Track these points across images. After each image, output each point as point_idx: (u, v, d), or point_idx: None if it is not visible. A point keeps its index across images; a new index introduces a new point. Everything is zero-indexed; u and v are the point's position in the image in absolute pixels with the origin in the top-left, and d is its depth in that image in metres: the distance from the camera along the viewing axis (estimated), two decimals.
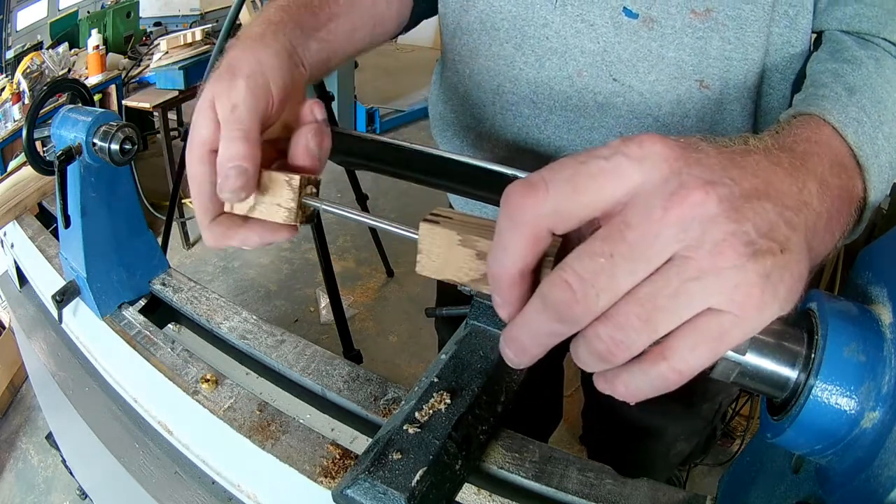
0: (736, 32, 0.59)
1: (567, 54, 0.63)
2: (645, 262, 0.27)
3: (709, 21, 0.58)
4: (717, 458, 1.79)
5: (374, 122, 3.84)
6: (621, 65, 0.62)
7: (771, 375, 0.32)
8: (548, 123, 0.68)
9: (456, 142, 0.80)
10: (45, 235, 0.93)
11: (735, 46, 0.59)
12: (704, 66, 0.60)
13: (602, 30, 0.61)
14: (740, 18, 0.58)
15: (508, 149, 0.74)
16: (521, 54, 0.66)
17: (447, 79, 0.78)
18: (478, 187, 0.65)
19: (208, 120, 0.43)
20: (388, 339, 2.36)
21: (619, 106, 0.64)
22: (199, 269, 2.77)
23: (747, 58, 0.60)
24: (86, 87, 0.77)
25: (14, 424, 2.01)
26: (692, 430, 1.03)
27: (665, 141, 0.28)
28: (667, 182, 0.27)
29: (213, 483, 0.62)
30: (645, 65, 0.61)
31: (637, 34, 0.60)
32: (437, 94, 0.83)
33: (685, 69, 0.61)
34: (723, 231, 0.27)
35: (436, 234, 0.35)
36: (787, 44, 0.60)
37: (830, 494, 0.34)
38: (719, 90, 0.62)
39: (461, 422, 0.49)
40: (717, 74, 0.61)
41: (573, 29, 0.62)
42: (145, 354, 0.70)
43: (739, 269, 0.26)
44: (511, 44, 0.66)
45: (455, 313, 0.75)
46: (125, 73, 2.70)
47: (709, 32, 0.59)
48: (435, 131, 0.85)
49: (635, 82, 0.62)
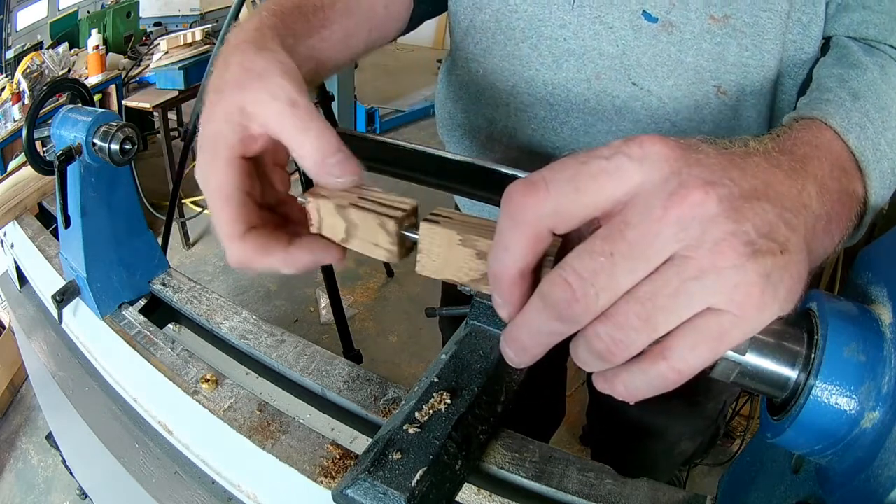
0: (753, 39, 0.59)
1: (585, 56, 0.63)
2: (645, 261, 0.27)
3: (727, 27, 0.58)
4: (717, 458, 1.79)
5: (374, 122, 3.85)
6: (640, 69, 0.61)
7: (771, 375, 0.32)
8: (564, 126, 0.68)
9: (465, 142, 0.79)
10: (45, 235, 0.93)
11: (752, 53, 0.59)
12: (722, 72, 0.60)
13: (621, 32, 0.61)
14: (758, 25, 0.58)
15: (521, 150, 0.73)
16: (537, 55, 0.65)
17: (458, 77, 0.76)
18: (479, 187, 0.64)
19: (236, 125, 0.38)
20: (388, 339, 2.35)
21: (638, 110, 0.64)
22: (199, 269, 2.77)
23: (764, 64, 0.60)
24: (86, 87, 0.77)
25: (14, 424, 2.01)
26: (696, 430, 1.03)
27: (665, 141, 0.28)
28: (667, 182, 0.27)
29: (213, 483, 0.62)
30: (664, 69, 0.61)
31: (656, 38, 0.60)
32: (445, 94, 0.81)
33: (703, 74, 0.61)
34: (722, 230, 0.27)
35: (436, 233, 0.35)
36: (800, 50, 0.60)
37: (830, 494, 0.34)
38: (736, 96, 0.62)
39: (461, 422, 0.49)
40: (734, 80, 0.61)
41: (591, 31, 0.62)
42: (145, 354, 0.70)
43: (739, 268, 0.26)
44: (527, 44, 0.66)
45: (455, 313, 0.75)
46: (125, 73, 2.71)
47: (727, 38, 0.59)
48: (442, 131, 0.84)
49: (654, 87, 0.62)
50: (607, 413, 1.11)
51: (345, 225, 0.39)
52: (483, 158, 0.77)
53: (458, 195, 0.89)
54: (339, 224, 0.39)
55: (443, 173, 0.66)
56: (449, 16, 0.74)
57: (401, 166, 0.68)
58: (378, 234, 0.38)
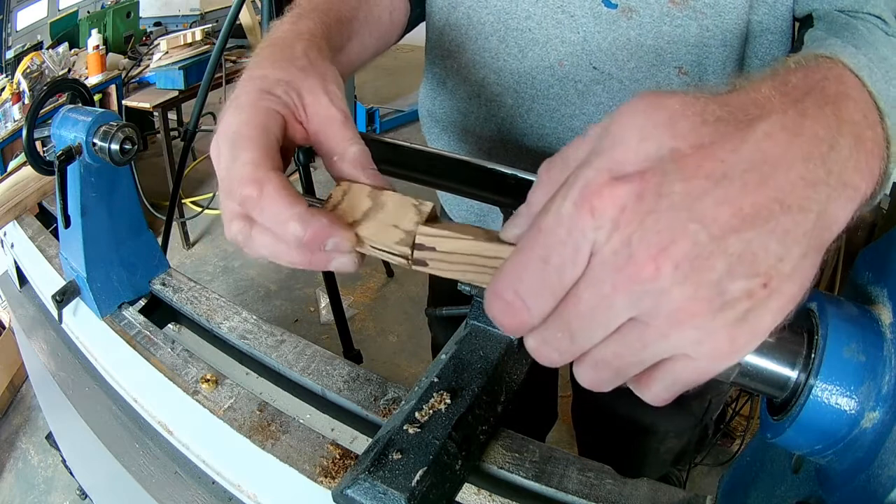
0: (714, 20, 0.60)
1: (549, 45, 0.65)
2: (603, 328, 0.27)
3: (687, 9, 0.60)
4: (717, 458, 1.79)
5: (374, 122, 3.84)
6: (601, 54, 0.63)
7: (771, 375, 0.32)
8: (531, 112, 0.70)
9: (444, 137, 0.82)
10: (45, 235, 0.93)
11: (713, 33, 0.60)
12: (683, 53, 0.62)
13: (582, 20, 0.63)
14: (718, 5, 0.59)
15: (493, 140, 0.75)
16: (504, 46, 0.68)
17: (435, 75, 0.79)
18: (478, 187, 0.65)
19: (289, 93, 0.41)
20: (388, 339, 2.35)
21: (600, 93, 0.66)
22: (199, 269, 2.77)
23: (726, 44, 0.61)
24: (86, 87, 0.77)
25: (14, 424, 2.01)
26: (682, 428, 1.03)
27: (616, 196, 0.25)
28: (616, 255, 0.25)
29: (213, 483, 0.62)
30: (624, 53, 0.63)
31: (616, 24, 0.62)
32: (424, 93, 0.84)
33: (663, 56, 0.62)
34: (677, 300, 0.25)
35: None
36: (766, 31, 0.62)
37: (830, 494, 0.34)
38: (698, 76, 0.63)
39: (461, 422, 0.49)
40: (694, 61, 0.62)
41: (554, 20, 0.64)
42: (145, 354, 0.70)
43: (701, 328, 0.25)
44: (496, 37, 0.68)
45: (455, 313, 0.75)
46: (125, 73, 2.70)
47: (687, 20, 0.60)
48: (424, 129, 0.87)
49: (615, 70, 0.64)
50: (591, 410, 1.11)
51: (370, 204, 0.39)
52: (468, 152, 0.78)
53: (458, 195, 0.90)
54: (362, 204, 0.39)
55: (442, 173, 0.66)
56: (426, 17, 0.77)
57: (400, 166, 0.68)
58: (406, 215, 0.38)
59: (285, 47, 0.45)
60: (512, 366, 0.56)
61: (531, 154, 0.73)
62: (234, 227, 0.37)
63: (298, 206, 0.36)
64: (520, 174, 0.59)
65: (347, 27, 0.57)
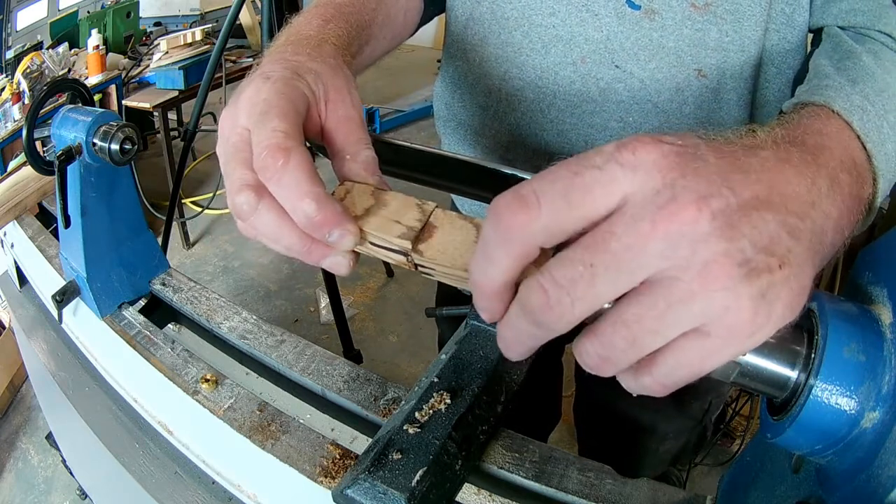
0: (734, 25, 0.61)
1: (572, 42, 0.66)
2: (628, 275, 0.26)
3: (707, 14, 0.61)
4: (717, 458, 1.79)
5: (374, 122, 3.84)
6: (623, 53, 0.64)
7: (771, 375, 0.32)
8: (551, 107, 0.71)
9: (461, 131, 0.82)
10: (45, 235, 0.93)
11: (732, 39, 0.62)
12: (702, 56, 0.63)
13: (606, 20, 0.64)
14: (738, 13, 0.61)
15: (511, 135, 0.75)
16: (528, 41, 0.69)
17: (456, 68, 0.80)
18: (478, 187, 0.65)
19: (313, 82, 0.43)
20: (388, 339, 2.35)
21: (620, 91, 0.66)
22: (199, 269, 2.77)
23: (744, 49, 0.63)
24: (86, 87, 0.77)
25: (14, 424, 2.01)
26: (681, 429, 1.03)
27: (660, 147, 0.27)
28: (658, 194, 0.26)
29: (213, 483, 0.62)
30: (645, 53, 0.64)
31: (639, 24, 0.63)
32: (442, 87, 0.85)
33: (684, 58, 0.63)
34: (713, 251, 0.25)
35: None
36: (783, 40, 0.63)
37: (830, 494, 0.34)
38: (716, 79, 0.64)
39: (461, 422, 0.49)
40: (714, 64, 0.63)
41: (578, 18, 0.65)
42: (145, 354, 0.70)
43: (730, 291, 0.25)
44: (519, 31, 0.69)
45: (455, 313, 0.75)
46: (125, 73, 2.70)
47: (707, 25, 0.61)
48: (439, 123, 0.87)
49: (636, 69, 0.65)
50: (594, 408, 1.11)
51: (373, 202, 0.40)
52: (481, 157, 0.78)
53: (458, 195, 0.90)
54: (365, 202, 0.40)
55: (443, 173, 0.66)
56: (447, 11, 0.78)
57: (401, 166, 0.68)
58: (409, 213, 0.39)
59: (316, 45, 0.48)
60: (512, 366, 0.56)
61: (548, 150, 0.73)
62: (240, 198, 0.36)
63: (319, 186, 0.36)
64: (520, 174, 0.59)
65: (366, 31, 0.59)
